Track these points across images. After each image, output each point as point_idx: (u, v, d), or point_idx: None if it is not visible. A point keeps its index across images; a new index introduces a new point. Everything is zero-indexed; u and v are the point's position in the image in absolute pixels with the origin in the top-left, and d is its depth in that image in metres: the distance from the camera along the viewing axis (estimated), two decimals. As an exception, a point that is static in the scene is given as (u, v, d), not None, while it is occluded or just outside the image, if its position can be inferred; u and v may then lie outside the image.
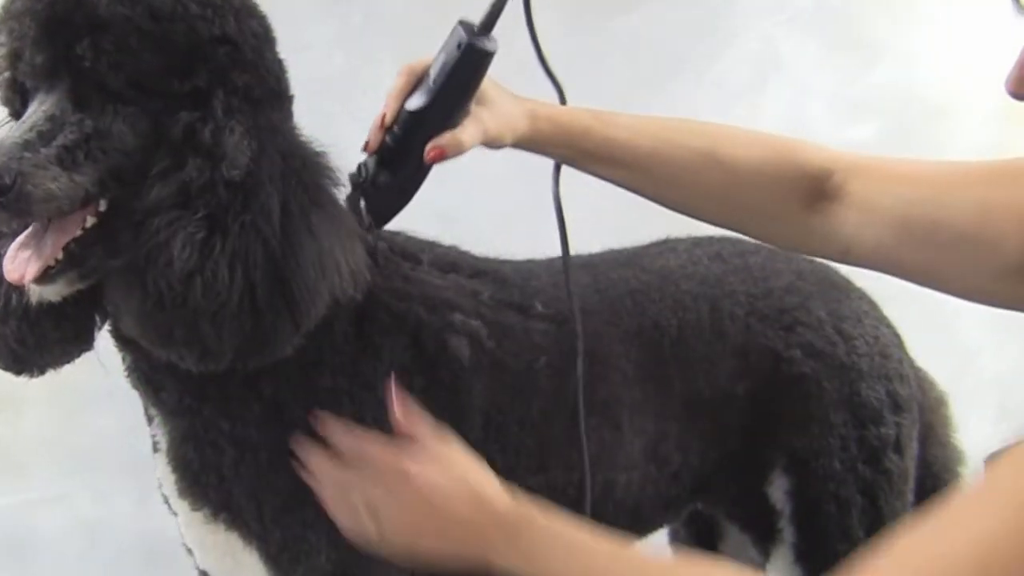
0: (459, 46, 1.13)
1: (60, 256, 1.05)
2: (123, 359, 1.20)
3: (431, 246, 1.33)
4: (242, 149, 1.05)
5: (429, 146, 1.13)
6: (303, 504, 1.17)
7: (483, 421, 1.24)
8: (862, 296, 1.47)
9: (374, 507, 1.08)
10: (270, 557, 1.21)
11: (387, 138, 1.16)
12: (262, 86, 1.10)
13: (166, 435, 1.22)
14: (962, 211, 1.16)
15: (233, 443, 1.18)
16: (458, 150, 1.15)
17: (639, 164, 1.25)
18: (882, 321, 1.47)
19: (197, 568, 1.35)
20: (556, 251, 1.40)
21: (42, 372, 1.18)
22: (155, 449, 1.26)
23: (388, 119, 1.15)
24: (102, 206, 1.06)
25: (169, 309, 1.03)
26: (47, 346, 1.15)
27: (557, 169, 1.28)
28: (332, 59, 2.14)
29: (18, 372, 1.17)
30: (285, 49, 1.15)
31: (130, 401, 1.26)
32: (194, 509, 1.22)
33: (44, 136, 1.01)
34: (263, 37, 1.11)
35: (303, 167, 1.10)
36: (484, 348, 1.27)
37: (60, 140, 1.01)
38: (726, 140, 1.28)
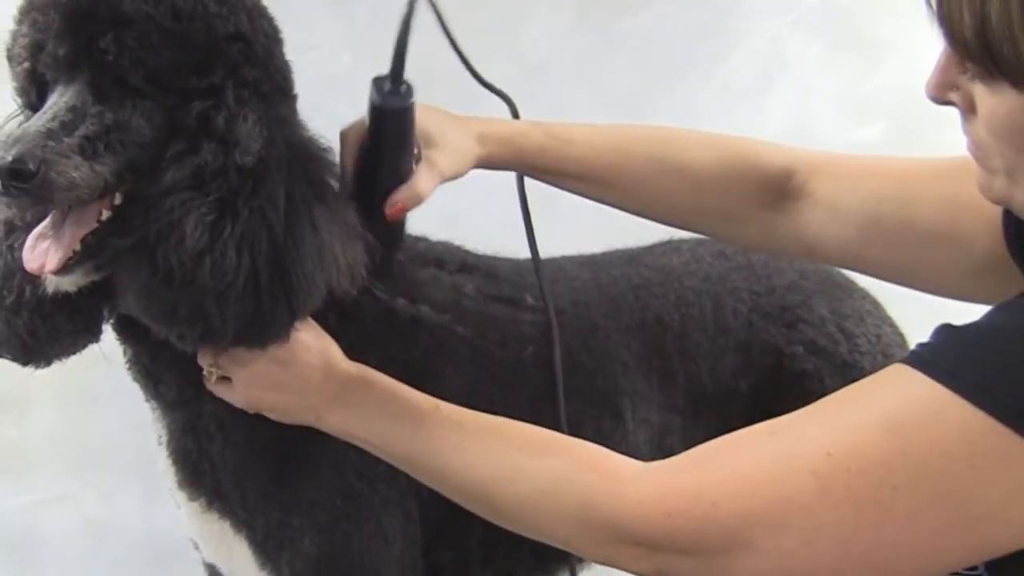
0: (373, 109, 1.13)
1: (78, 247, 1.06)
2: (124, 352, 1.22)
3: (412, 241, 1.34)
4: (254, 136, 1.07)
5: (388, 205, 1.14)
6: (282, 488, 1.20)
7: (462, 406, 1.24)
8: (865, 296, 1.48)
9: (232, 359, 1.13)
10: (257, 544, 1.23)
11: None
12: (271, 82, 1.11)
13: (165, 428, 1.25)
14: (930, 208, 1.15)
15: (221, 430, 1.21)
16: (417, 201, 1.15)
17: (596, 177, 1.26)
18: (885, 320, 1.47)
19: (204, 563, 1.36)
20: (560, 252, 1.41)
21: (48, 363, 1.19)
22: (158, 443, 1.27)
23: (348, 189, 1.17)
24: (117, 199, 1.08)
25: (177, 286, 1.04)
26: (59, 338, 1.16)
27: (520, 176, 1.29)
28: (339, 59, 2.14)
29: (25, 363, 1.19)
30: (292, 49, 1.16)
31: (136, 401, 1.27)
32: (191, 499, 1.25)
33: (66, 126, 1.03)
34: (273, 36, 1.13)
35: (309, 160, 1.11)
36: (457, 334, 1.29)
37: (82, 131, 1.03)
38: (682, 145, 1.28)
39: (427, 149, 1.16)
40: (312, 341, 1.14)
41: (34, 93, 1.11)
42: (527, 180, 1.30)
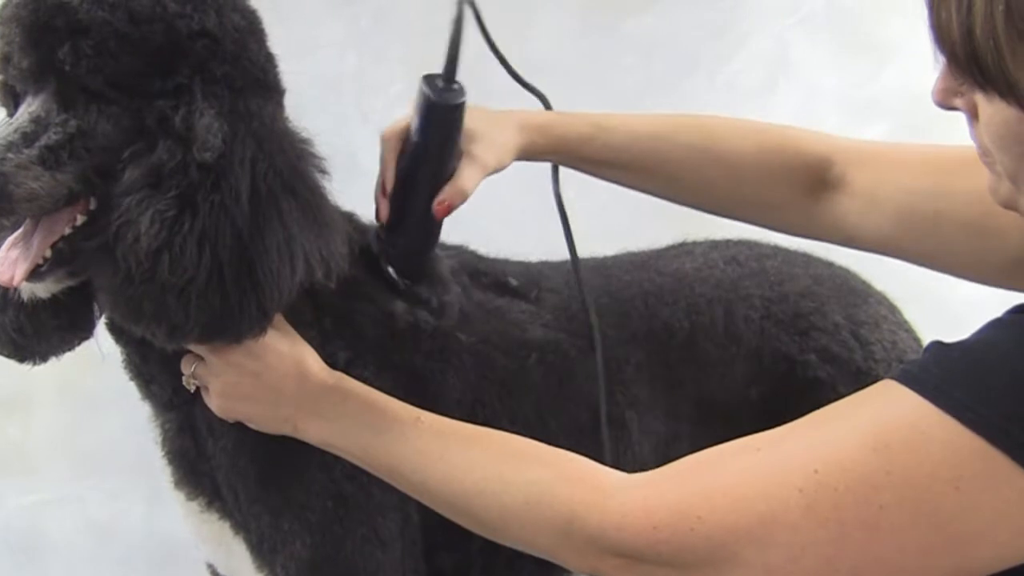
0: (426, 105, 1.14)
1: (48, 255, 1.07)
2: (120, 353, 1.22)
3: None
4: (213, 131, 1.06)
5: (435, 203, 1.16)
6: (271, 491, 1.20)
7: (465, 413, 1.23)
8: (881, 301, 1.46)
9: (206, 370, 1.13)
10: (252, 546, 1.22)
11: (391, 204, 1.19)
12: (245, 77, 1.10)
13: (159, 427, 1.25)
14: (964, 201, 1.14)
15: (211, 434, 1.21)
16: (463, 198, 1.17)
17: (637, 165, 1.26)
18: (901, 326, 1.45)
19: (207, 563, 1.36)
20: (564, 253, 1.40)
21: (44, 360, 1.20)
22: (155, 442, 1.28)
23: (388, 187, 1.18)
24: (92, 204, 1.08)
25: (138, 284, 1.04)
26: (46, 334, 1.16)
27: (555, 169, 1.28)
28: (342, 60, 2.14)
29: (21, 360, 1.19)
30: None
31: (139, 402, 1.27)
32: (189, 498, 1.25)
33: (28, 137, 1.03)
34: (247, 30, 1.12)
35: (280, 152, 1.10)
36: (457, 339, 1.27)
37: (43, 141, 1.03)
38: (723, 133, 1.28)
39: (468, 144, 1.17)
40: (286, 349, 1.12)
41: (12, 104, 1.11)
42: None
